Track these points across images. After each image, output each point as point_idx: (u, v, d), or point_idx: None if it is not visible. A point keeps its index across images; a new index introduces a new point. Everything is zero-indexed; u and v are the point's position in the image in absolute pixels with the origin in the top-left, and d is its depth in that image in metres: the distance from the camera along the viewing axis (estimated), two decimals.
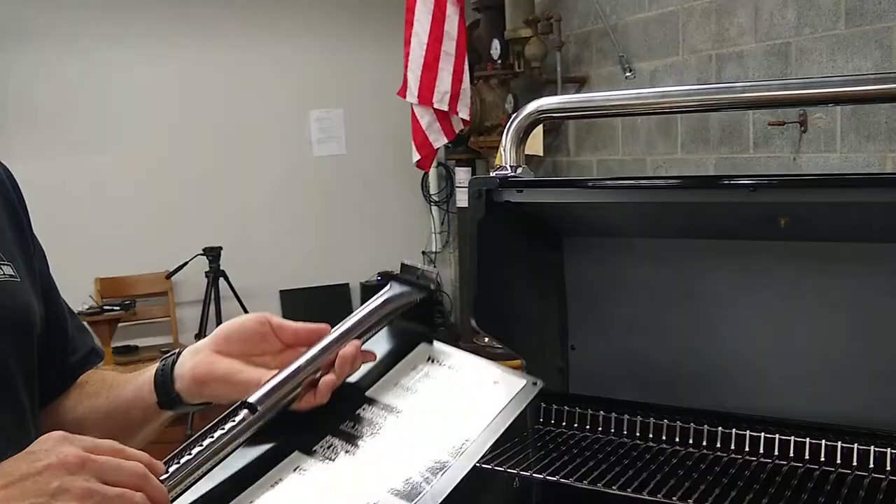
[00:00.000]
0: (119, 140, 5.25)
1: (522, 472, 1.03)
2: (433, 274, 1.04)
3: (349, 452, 0.89)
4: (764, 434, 1.06)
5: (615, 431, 1.15)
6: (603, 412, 1.16)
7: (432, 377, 1.00)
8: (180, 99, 5.40)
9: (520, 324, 1.25)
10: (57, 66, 5.09)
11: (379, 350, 1.00)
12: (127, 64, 5.23)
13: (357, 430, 0.92)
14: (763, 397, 1.12)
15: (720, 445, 1.08)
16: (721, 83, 1.00)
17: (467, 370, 1.01)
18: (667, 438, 1.11)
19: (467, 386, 0.99)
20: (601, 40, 4.46)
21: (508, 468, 1.04)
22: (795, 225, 1.06)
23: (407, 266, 1.05)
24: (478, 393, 0.97)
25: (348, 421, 0.93)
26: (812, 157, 3.35)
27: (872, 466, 0.99)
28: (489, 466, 1.01)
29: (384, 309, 1.01)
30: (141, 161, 5.31)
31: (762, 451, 1.05)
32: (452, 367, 1.01)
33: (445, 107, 4.60)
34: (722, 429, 1.08)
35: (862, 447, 1.00)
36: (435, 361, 1.02)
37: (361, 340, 0.96)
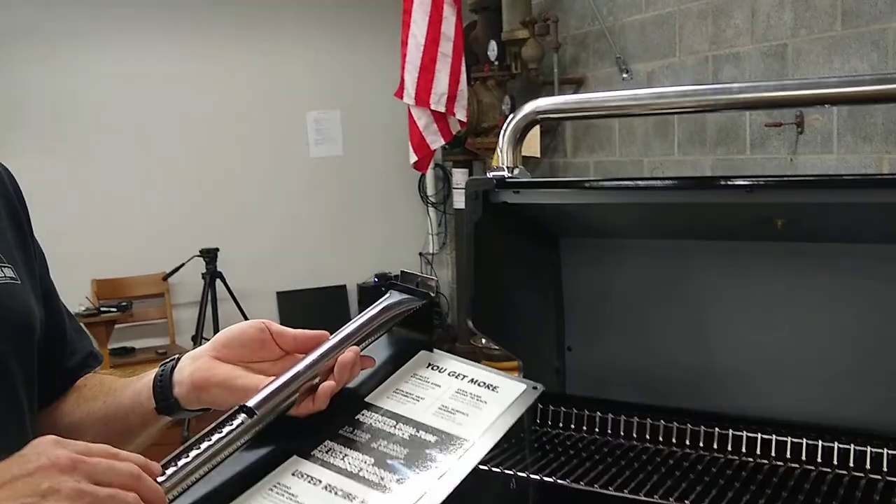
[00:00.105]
0: (115, 141, 5.24)
1: (519, 473, 1.03)
2: (432, 281, 1.04)
3: (348, 456, 0.89)
4: (760, 435, 1.06)
5: (611, 432, 1.15)
6: (599, 413, 1.16)
7: (432, 383, 1.00)
8: (177, 100, 5.39)
9: (516, 325, 1.25)
10: (53, 68, 5.09)
11: (379, 357, 1.00)
12: (123, 66, 5.23)
13: (356, 435, 0.92)
14: (759, 398, 1.12)
15: (716, 446, 1.08)
16: (718, 84, 0.99)
17: (467, 376, 1.01)
18: (663, 439, 1.12)
19: (467, 391, 0.99)
20: (598, 42, 4.46)
21: (505, 469, 1.04)
22: (792, 226, 1.06)
23: (406, 273, 1.05)
24: (478, 398, 0.98)
25: (347, 426, 0.93)
26: (809, 159, 3.35)
27: (869, 468, 0.99)
28: (486, 467, 1.01)
29: (383, 316, 1.01)
30: (137, 162, 5.30)
31: (758, 453, 1.05)
32: (452, 374, 1.02)
33: (442, 108, 4.60)
34: (718, 430, 1.08)
35: (859, 448, 1.00)
36: (435, 368, 1.03)
37: (361, 347, 0.97)
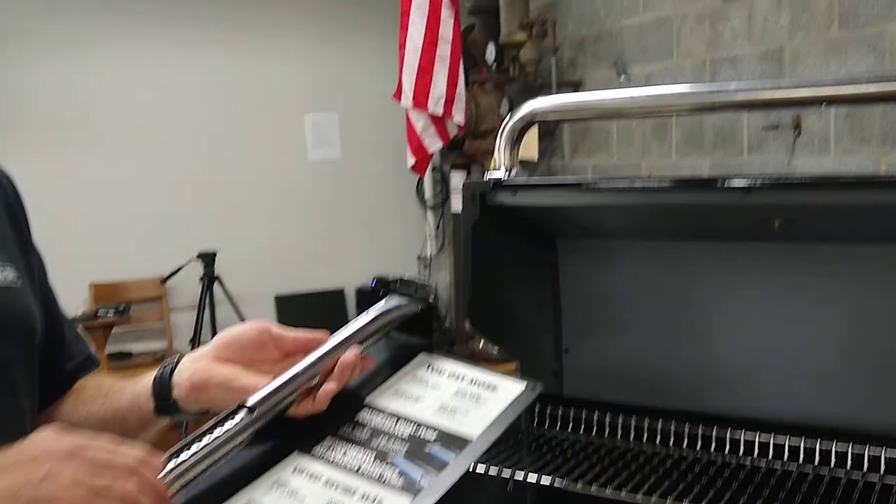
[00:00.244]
0: (113, 145, 5.23)
1: (516, 475, 1.03)
2: (430, 288, 1.05)
3: (348, 453, 0.90)
4: (758, 436, 1.06)
5: (609, 434, 1.15)
6: (597, 415, 1.16)
7: (432, 384, 1.01)
8: (175, 103, 5.39)
9: (514, 326, 1.25)
10: (50, 70, 5.08)
11: (378, 360, 1.02)
12: (121, 68, 5.22)
13: (356, 433, 0.94)
14: (757, 400, 1.12)
15: (714, 448, 1.08)
16: (715, 84, 1.00)
17: (466, 377, 1.02)
18: (661, 441, 1.11)
19: (467, 391, 1.00)
20: (596, 45, 4.47)
21: (502, 470, 1.03)
22: (789, 227, 1.06)
23: (405, 280, 1.06)
24: (477, 398, 0.99)
25: (348, 424, 0.94)
26: (806, 161, 3.36)
27: (867, 469, 0.99)
28: (483, 469, 1.01)
29: (383, 318, 1.03)
30: (135, 166, 5.30)
31: (756, 454, 1.05)
32: (452, 375, 1.02)
33: (440, 111, 4.59)
34: (716, 431, 1.08)
35: (856, 449, 1.00)
36: (434, 370, 1.04)
37: (361, 348, 0.97)
